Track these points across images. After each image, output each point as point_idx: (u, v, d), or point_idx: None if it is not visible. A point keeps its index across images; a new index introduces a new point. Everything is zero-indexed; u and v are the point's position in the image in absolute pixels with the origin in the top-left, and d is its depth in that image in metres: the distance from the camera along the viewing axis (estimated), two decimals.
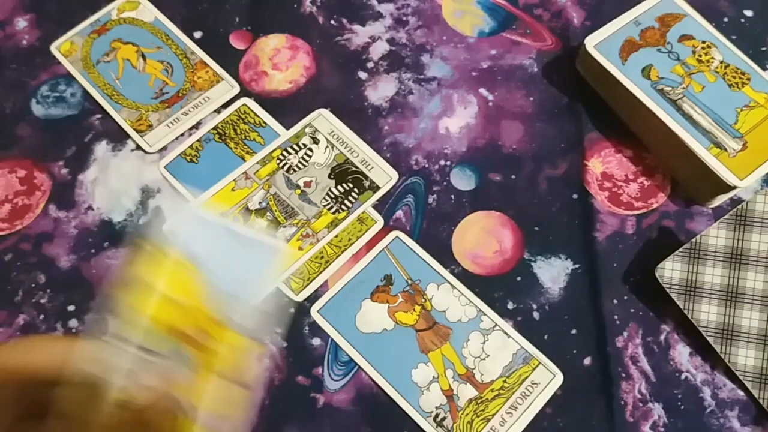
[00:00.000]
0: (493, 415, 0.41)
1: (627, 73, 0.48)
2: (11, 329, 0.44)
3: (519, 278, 0.46)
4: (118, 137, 0.50)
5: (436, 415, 0.42)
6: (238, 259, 0.33)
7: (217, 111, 0.51)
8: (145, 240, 0.30)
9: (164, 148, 0.50)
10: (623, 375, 0.43)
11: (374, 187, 0.48)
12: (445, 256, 0.46)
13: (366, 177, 0.48)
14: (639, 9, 0.51)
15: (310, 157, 0.49)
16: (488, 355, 0.43)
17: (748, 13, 0.55)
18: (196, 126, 0.51)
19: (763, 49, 0.53)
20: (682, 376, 0.43)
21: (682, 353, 0.44)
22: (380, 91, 0.52)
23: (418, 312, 0.44)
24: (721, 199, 0.47)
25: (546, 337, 0.44)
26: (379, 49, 0.54)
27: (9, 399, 0.27)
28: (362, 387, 0.43)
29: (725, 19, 0.54)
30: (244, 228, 0.46)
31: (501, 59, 0.53)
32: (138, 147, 0.50)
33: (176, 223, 0.44)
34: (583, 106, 0.51)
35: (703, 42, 0.50)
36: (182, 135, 0.50)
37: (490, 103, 0.52)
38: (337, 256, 0.46)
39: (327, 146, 0.49)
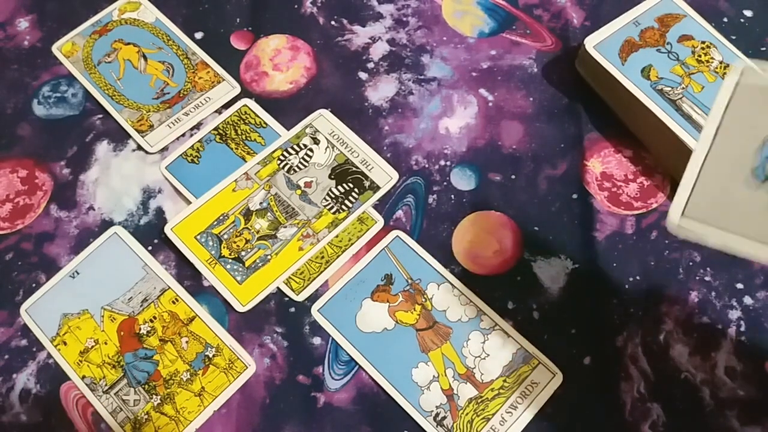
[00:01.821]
0: (493, 414, 0.42)
1: (627, 73, 0.48)
2: (12, 329, 0.45)
3: (519, 278, 0.46)
4: (119, 137, 0.50)
5: (437, 415, 0.42)
6: None
7: (218, 111, 0.51)
8: None
9: (165, 149, 0.50)
10: (622, 375, 0.43)
11: (374, 187, 0.48)
12: (445, 256, 0.46)
13: (366, 177, 0.48)
14: (639, 9, 0.51)
15: (310, 157, 0.49)
16: (488, 355, 0.43)
17: (748, 13, 0.55)
18: (197, 126, 0.51)
19: (763, 49, 0.53)
20: (682, 376, 0.43)
21: (681, 353, 0.44)
22: (380, 91, 0.52)
23: (419, 311, 0.44)
24: None
25: (546, 336, 0.44)
26: (379, 50, 0.54)
27: None
28: (363, 386, 0.43)
29: (725, 20, 0.55)
30: None
31: (501, 60, 0.53)
32: (139, 147, 0.50)
33: None
34: (583, 106, 0.51)
35: (703, 42, 0.50)
36: (183, 135, 0.50)
37: (490, 104, 0.52)
38: (338, 256, 0.46)
39: (327, 146, 0.49)
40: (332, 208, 0.47)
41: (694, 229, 0.29)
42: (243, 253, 0.46)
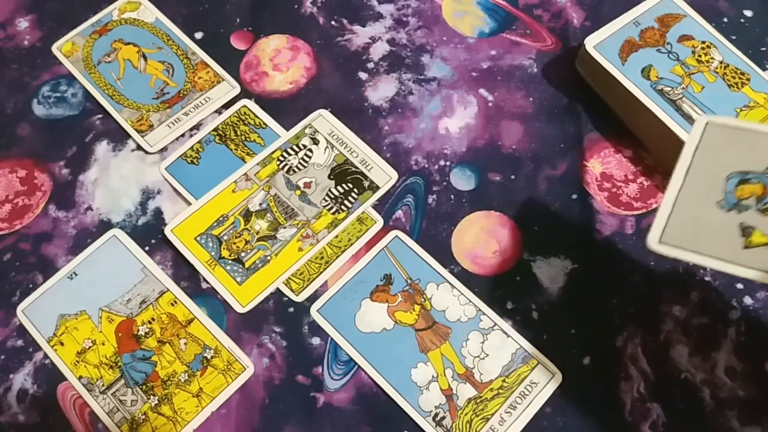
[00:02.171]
0: (493, 414, 0.41)
1: (627, 73, 0.48)
2: (8, 329, 0.45)
3: (518, 278, 0.46)
4: (118, 137, 0.50)
5: (436, 415, 0.41)
6: None
7: (218, 111, 0.51)
8: None
9: (165, 149, 0.50)
10: (622, 375, 0.43)
11: (374, 187, 0.48)
12: (445, 256, 0.46)
13: (366, 177, 0.48)
14: (639, 9, 0.51)
15: (309, 157, 0.49)
16: (487, 355, 0.43)
17: (748, 13, 0.55)
18: (197, 126, 0.51)
19: (763, 49, 0.53)
20: (682, 376, 0.43)
21: (681, 353, 0.44)
22: (380, 91, 0.52)
23: (418, 311, 0.44)
24: None
25: (545, 336, 0.44)
26: (379, 50, 0.54)
27: None
28: (362, 386, 0.43)
29: (725, 20, 0.54)
30: None
31: (501, 60, 0.53)
32: (139, 147, 0.50)
33: None
34: (583, 106, 0.51)
35: (703, 42, 0.50)
36: (183, 135, 0.50)
37: (490, 104, 0.52)
38: (337, 257, 0.46)
39: (327, 147, 0.49)
40: (332, 208, 0.47)
41: (669, 253, 0.33)
42: (243, 254, 0.46)
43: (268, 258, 0.46)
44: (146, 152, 0.50)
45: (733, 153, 0.34)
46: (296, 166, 0.49)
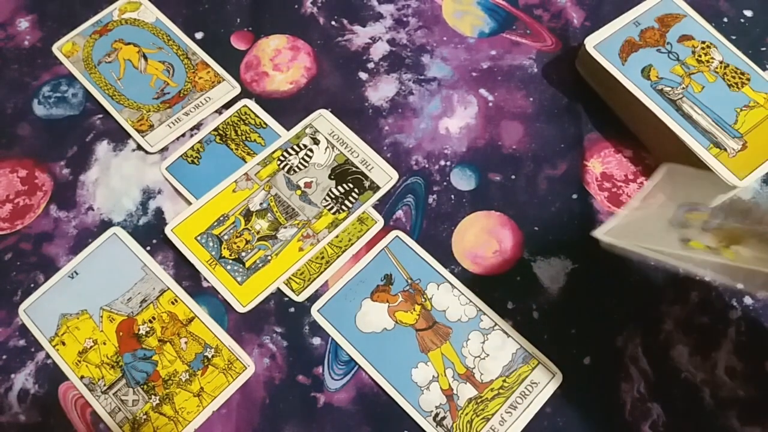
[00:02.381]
0: (493, 414, 0.41)
1: (627, 73, 0.48)
2: (10, 329, 0.45)
3: (519, 278, 0.46)
4: (119, 137, 0.50)
5: (436, 415, 0.42)
6: None
7: (218, 111, 0.51)
8: None
9: (165, 149, 0.50)
10: (622, 375, 0.43)
11: (374, 187, 0.48)
12: (445, 256, 0.46)
13: (366, 177, 0.48)
14: (639, 9, 0.51)
15: (310, 157, 0.49)
16: (488, 355, 0.43)
17: (748, 13, 0.55)
18: (197, 126, 0.51)
19: (763, 49, 0.53)
20: (682, 376, 0.43)
21: (681, 353, 0.44)
22: (380, 91, 0.52)
23: (418, 311, 0.44)
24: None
25: (545, 336, 0.44)
26: (379, 50, 0.54)
27: None
28: (362, 386, 0.43)
29: (725, 20, 0.55)
30: None
31: (501, 60, 0.53)
32: (139, 147, 0.50)
33: None
34: (583, 106, 0.51)
35: (703, 42, 0.50)
36: (183, 135, 0.50)
37: (490, 104, 0.52)
38: (338, 257, 0.46)
39: (327, 147, 0.49)
40: (332, 208, 0.47)
41: (612, 241, 0.38)
42: (243, 254, 0.46)
43: (269, 258, 0.46)
44: (147, 152, 0.50)
45: (687, 190, 0.41)
46: (297, 166, 0.49)
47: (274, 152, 0.49)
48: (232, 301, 0.44)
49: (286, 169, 0.49)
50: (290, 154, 0.49)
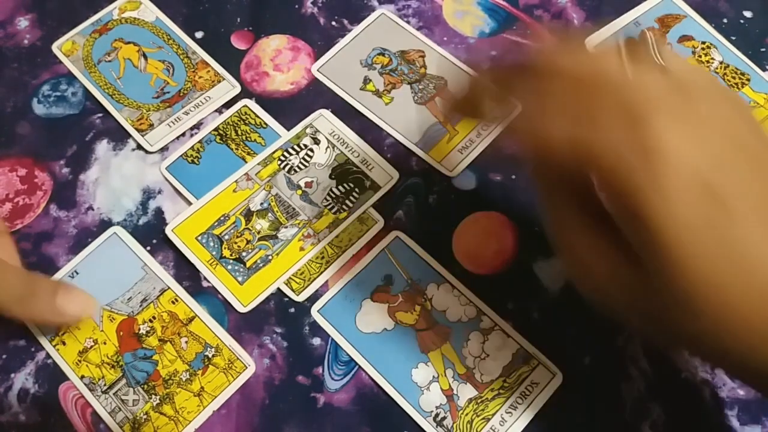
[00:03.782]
0: (493, 414, 0.42)
1: None
2: (10, 328, 0.44)
3: (519, 278, 0.46)
4: (119, 136, 0.50)
5: (436, 415, 0.42)
6: None
7: (219, 111, 0.51)
8: None
9: (165, 148, 0.50)
10: (623, 374, 0.43)
11: (375, 187, 0.48)
12: (445, 256, 0.46)
13: (367, 177, 0.48)
14: (639, 10, 0.51)
15: (311, 157, 0.49)
16: (488, 355, 0.43)
17: (748, 14, 0.55)
18: (198, 126, 0.51)
19: (763, 49, 0.54)
20: (682, 376, 0.43)
21: (681, 353, 0.44)
22: None
23: (418, 312, 0.44)
24: None
25: (545, 336, 0.44)
26: None
27: None
28: (362, 387, 0.43)
29: (725, 20, 0.55)
30: None
31: (501, 60, 0.53)
32: (139, 146, 0.50)
33: None
34: None
35: (703, 43, 0.50)
36: (183, 135, 0.50)
37: None
38: (338, 257, 0.46)
39: (328, 146, 0.49)
40: (333, 208, 0.47)
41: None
42: (244, 254, 0.46)
43: (270, 257, 0.46)
44: (146, 151, 0.50)
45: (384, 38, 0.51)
46: (297, 166, 0.49)
47: (274, 152, 0.49)
48: (232, 300, 0.44)
49: (287, 168, 0.49)
50: (291, 154, 0.49)
